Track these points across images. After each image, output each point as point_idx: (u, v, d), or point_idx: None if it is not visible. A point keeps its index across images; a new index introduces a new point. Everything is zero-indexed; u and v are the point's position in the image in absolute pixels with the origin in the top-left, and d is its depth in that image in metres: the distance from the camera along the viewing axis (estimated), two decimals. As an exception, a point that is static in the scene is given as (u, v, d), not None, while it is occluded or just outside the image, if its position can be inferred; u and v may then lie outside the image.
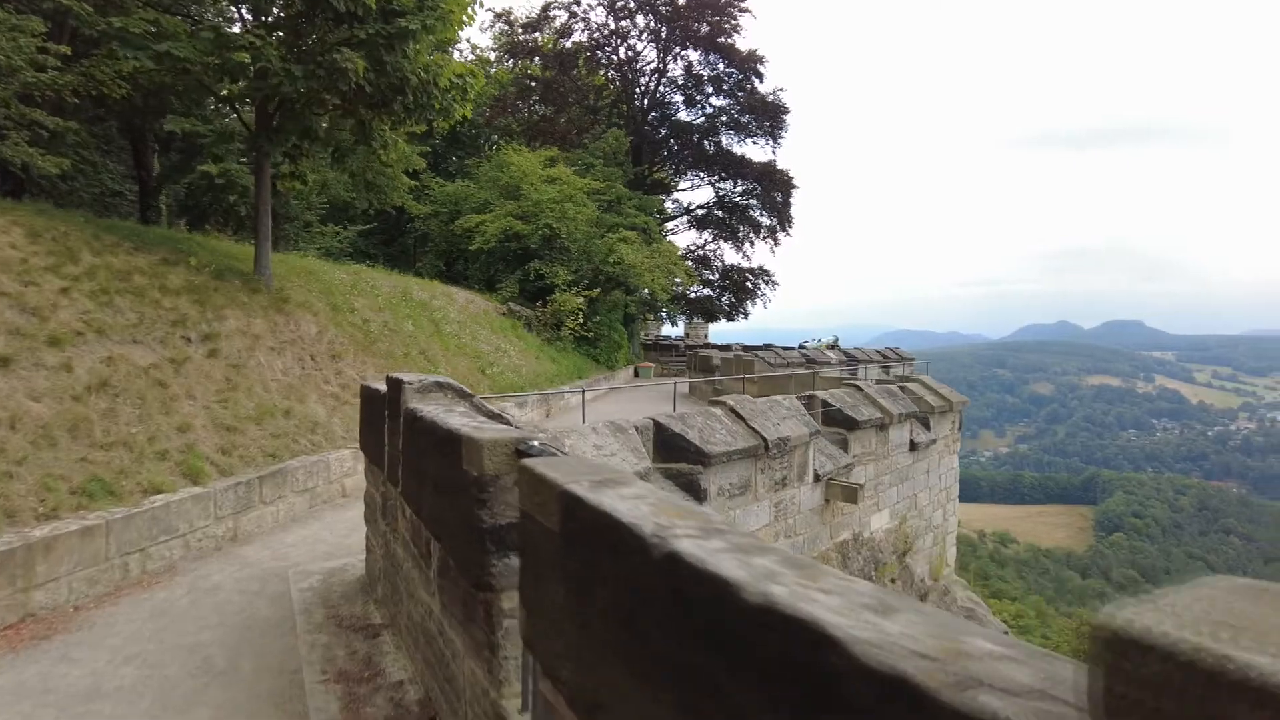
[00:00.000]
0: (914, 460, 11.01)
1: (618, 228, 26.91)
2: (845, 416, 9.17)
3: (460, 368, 14.63)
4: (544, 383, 17.72)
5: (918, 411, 11.05)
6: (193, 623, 4.67)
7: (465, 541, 2.45)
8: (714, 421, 6.98)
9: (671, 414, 6.66)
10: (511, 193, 26.00)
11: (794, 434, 7.41)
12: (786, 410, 7.94)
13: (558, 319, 22.93)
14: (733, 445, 6.70)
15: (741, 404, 7.45)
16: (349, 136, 11.47)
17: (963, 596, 11.49)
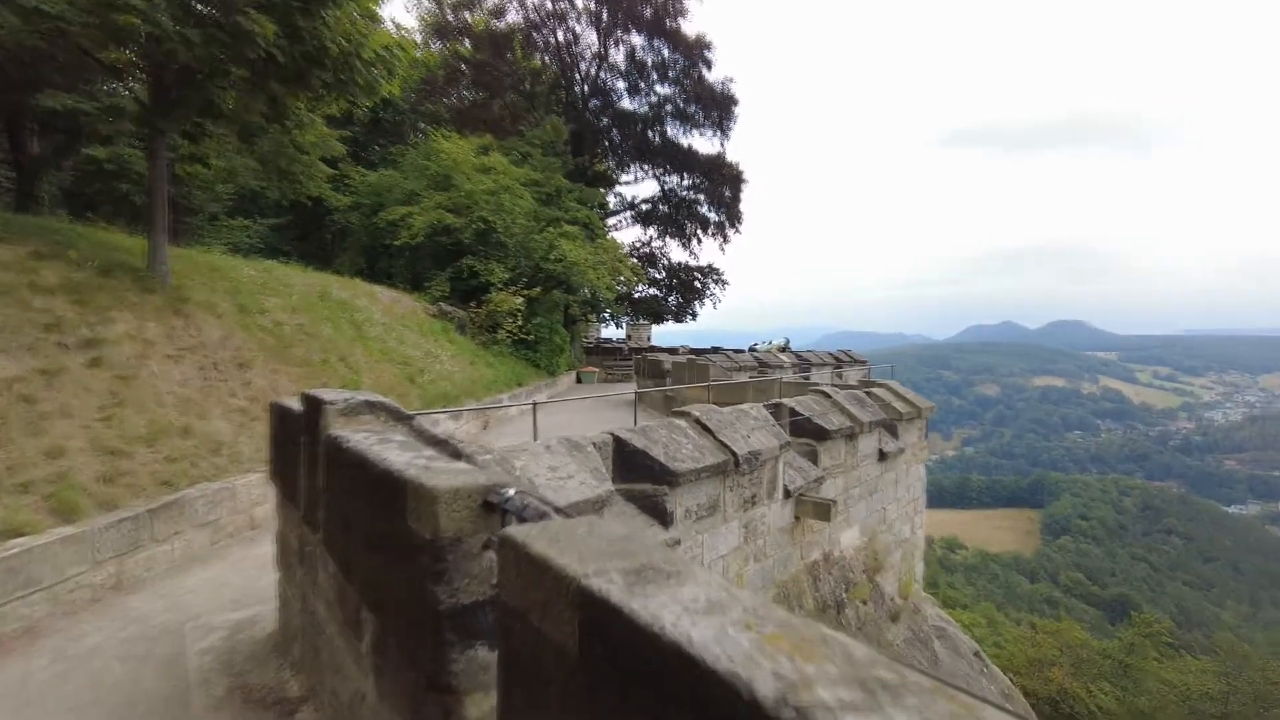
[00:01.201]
0: (883, 471, 10.97)
1: (558, 222, 26.46)
2: (815, 426, 9.00)
3: (386, 376, 14.02)
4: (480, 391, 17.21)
5: (886, 419, 11.02)
6: (56, 704, 3.96)
7: (413, 623, 2.01)
8: (679, 435, 6.68)
9: (632, 428, 6.32)
10: (441, 183, 25.25)
11: (764, 447, 7.19)
12: (755, 420, 7.71)
13: (494, 321, 22.38)
14: (701, 461, 6.42)
15: (708, 415, 7.16)
16: (259, 115, 10.73)
17: (933, 615, 11.46)
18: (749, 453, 6.84)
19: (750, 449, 6.86)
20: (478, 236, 23.88)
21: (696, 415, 6.92)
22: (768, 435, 7.43)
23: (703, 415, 6.98)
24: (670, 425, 6.61)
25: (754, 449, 6.91)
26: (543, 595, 1.02)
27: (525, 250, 24.69)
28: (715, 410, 7.26)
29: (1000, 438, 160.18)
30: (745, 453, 6.78)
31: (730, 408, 7.67)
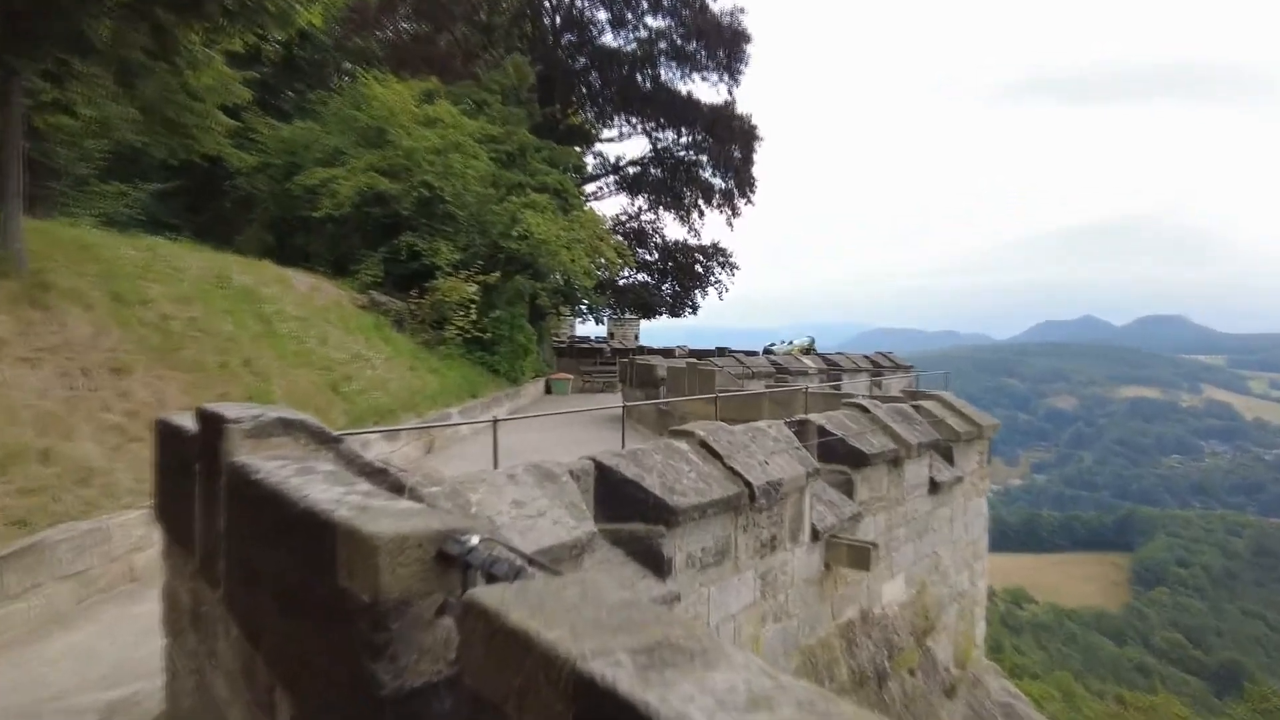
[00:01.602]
0: (935, 506, 11.06)
1: (522, 189, 26.49)
2: (850, 449, 9.06)
3: (303, 385, 13.98)
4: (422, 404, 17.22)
5: (938, 440, 11.12)
6: None
7: (345, 710, 1.96)
8: (678, 460, 6.70)
9: (618, 451, 6.34)
10: (373, 139, 25.21)
11: (787, 475, 7.24)
12: (775, 442, 7.75)
13: (440, 314, 22.39)
14: (707, 495, 6.46)
15: (715, 435, 7.19)
16: (141, 51, 10.64)
17: (997, 688, 11.52)
18: (767, 483, 6.86)
19: (769, 478, 6.88)
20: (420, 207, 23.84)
21: (701, 435, 6.93)
22: (790, 461, 7.46)
23: (709, 435, 6.99)
24: (667, 448, 6.61)
25: (773, 478, 6.93)
26: (522, 680, 0.99)
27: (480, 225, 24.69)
28: (724, 429, 7.27)
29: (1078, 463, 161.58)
30: (762, 483, 6.79)
31: (743, 425, 7.68)
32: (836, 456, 9.03)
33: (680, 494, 6.11)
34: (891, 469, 9.74)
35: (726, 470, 6.71)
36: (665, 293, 42.98)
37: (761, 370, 25.09)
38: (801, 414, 10.23)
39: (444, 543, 1.93)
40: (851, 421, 9.73)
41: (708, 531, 6.41)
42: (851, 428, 9.49)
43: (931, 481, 10.76)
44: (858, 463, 9.01)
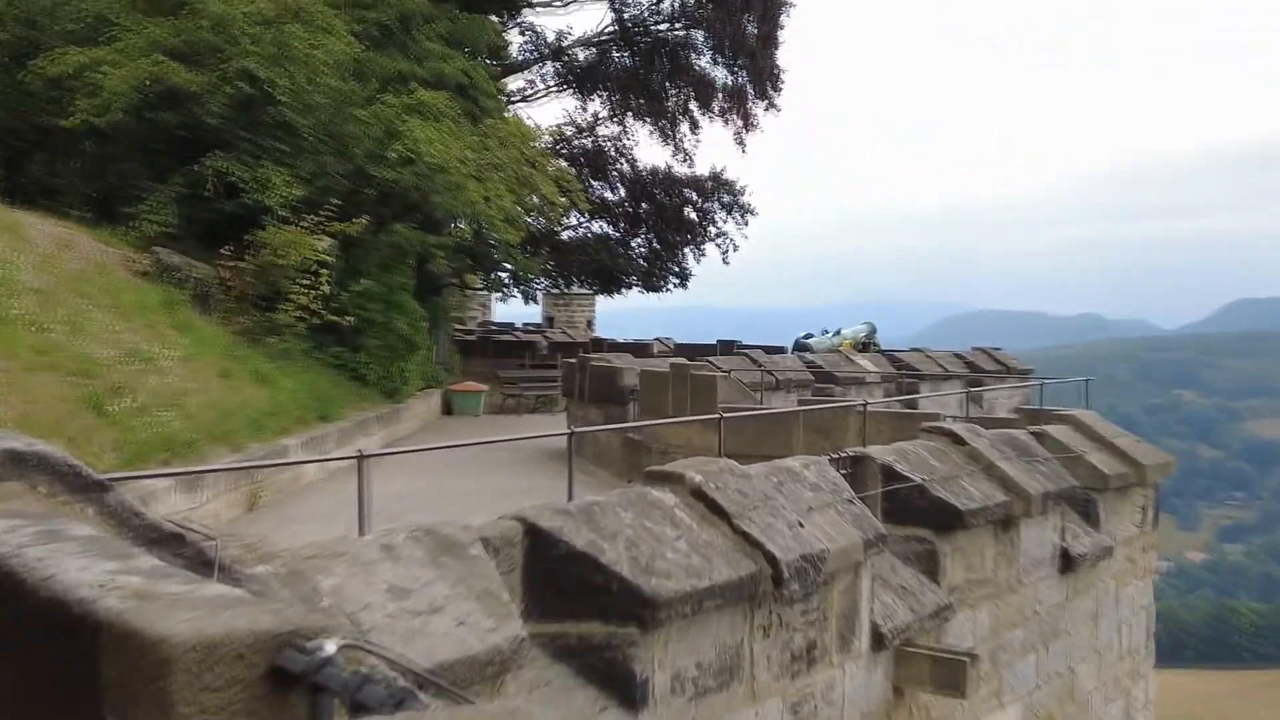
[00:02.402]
0: (1068, 593, 11.28)
1: (405, 83, 26.46)
2: (934, 502, 9.19)
3: (45, 399, 13.93)
4: (242, 431, 17.18)
5: (1074, 489, 11.33)
6: None
7: None
8: (658, 521, 6.74)
9: (562, 506, 6.38)
10: (162, 0, 25.07)
11: (833, 545, 7.34)
12: (814, 491, 7.85)
13: (272, 285, 22.29)
14: (704, 576, 6.52)
15: (719, 480, 7.26)
16: None
17: None
18: (801, 558, 6.91)
19: (804, 550, 6.94)
20: (238, 112, 23.70)
21: (695, 481, 6.97)
22: (838, 521, 7.53)
23: (707, 481, 7.03)
24: (641, 502, 6.65)
25: (812, 550, 7.00)
26: None
27: (336, 141, 24.64)
28: (732, 471, 7.32)
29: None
30: (794, 558, 6.85)
31: (762, 465, 7.73)
32: (912, 514, 9.17)
33: (662, 575, 6.13)
34: (1000, 534, 9.88)
35: (736, 537, 6.75)
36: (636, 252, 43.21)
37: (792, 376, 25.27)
38: (857, 446, 10.31)
39: (281, 652, 1.91)
40: (936, 458, 9.81)
41: (706, 635, 6.47)
42: (936, 468, 9.57)
43: (1064, 555, 10.89)
44: (946, 524, 9.14)
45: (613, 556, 6.08)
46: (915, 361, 30.61)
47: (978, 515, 9.37)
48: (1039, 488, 10.32)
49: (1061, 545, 10.86)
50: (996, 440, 10.82)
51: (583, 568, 5.98)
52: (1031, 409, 17.73)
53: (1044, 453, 11.26)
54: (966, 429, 10.97)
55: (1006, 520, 9.86)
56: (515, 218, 27.45)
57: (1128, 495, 12.68)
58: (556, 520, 6.14)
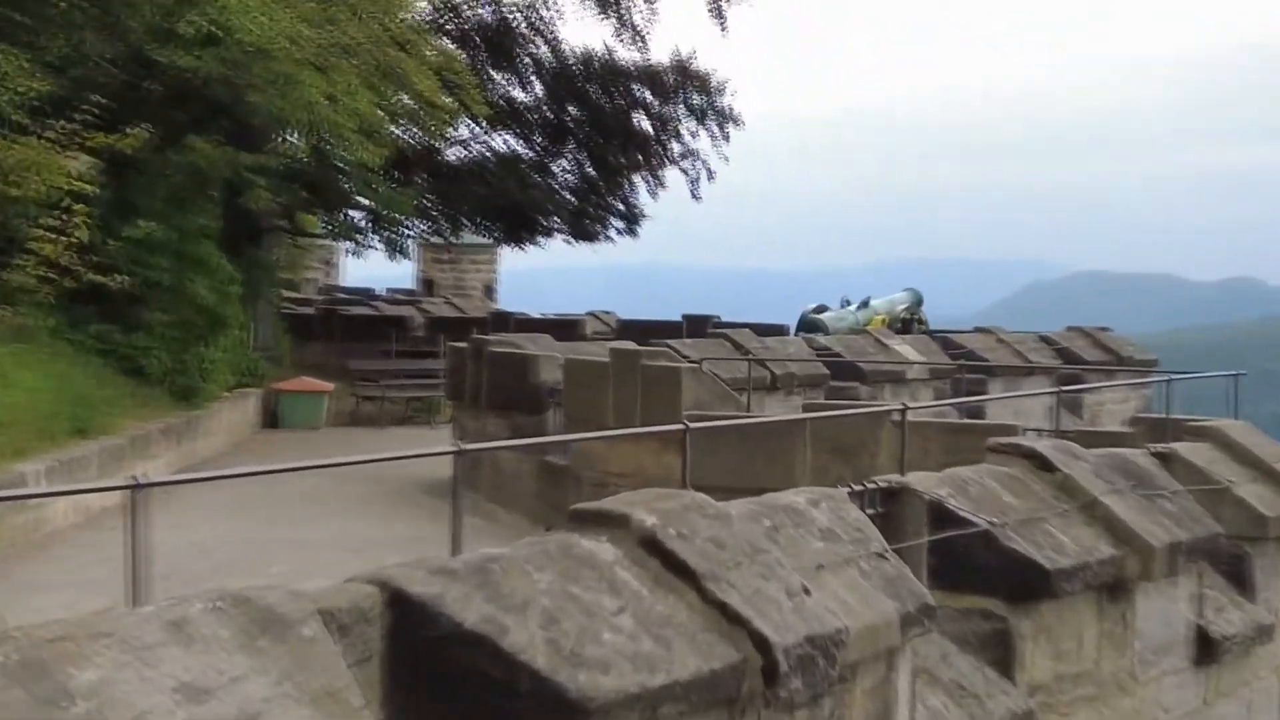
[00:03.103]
0: (1207, 694, 11.33)
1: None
2: (1007, 559, 9.22)
3: None
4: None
5: (1217, 538, 11.33)
6: None
7: None
8: (589, 585, 6.80)
9: (444, 564, 6.42)
10: None
11: (854, 621, 7.42)
12: (825, 540, 7.94)
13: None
14: (660, 669, 6.57)
15: (683, 524, 7.33)
16: None
17: None
18: (806, 642, 6.95)
19: (811, 630, 6.98)
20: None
21: (647, 526, 7.01)
22: (862, 586, 7.58)
23: (664, 526, 7.07)
24: (565, 557, 6.67)
25: (822, 629, 7.04)
26: None
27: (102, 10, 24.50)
28: (702, 512, 7.36)
29: None
30: (795, 642, 6.88)
31: (748, 502, 7.78)
32: (975, 576, 9.22)
33: (596, 668, 6.15)
34: (1106, 607, 9.93)
35: (708, 609, 6.79)
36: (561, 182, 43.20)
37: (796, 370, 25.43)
38: (892, 474, 10.32)
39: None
40: (1011, 492, 9.86)
41: (663, 762, 6.47)
42: (1011, 507, 9.62)
43: (1201, 637, 10.93)
44: (1026, 592, 9.19)
45: (521, 639, 6.05)
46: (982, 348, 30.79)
47: (1073, 578, 9.38)
48: (1165, 537, 10.33)
49: (1198, 623, 10.84)
50: (1102, 465, 10.83)
51: (476, 656, 5.95)
52: (1154, 417, 17.75)
53: (1173, 484, 11.25)
54: (1057, 449, 11.00)
55: (1116, 585, 9.89)
56: (376, 127, 27.42)
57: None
58: (435, 585, 6.11)
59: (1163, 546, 10.21)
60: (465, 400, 27.24)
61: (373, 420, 36.69)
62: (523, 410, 24.08)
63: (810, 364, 25.98)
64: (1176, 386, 22.68)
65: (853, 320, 41.22)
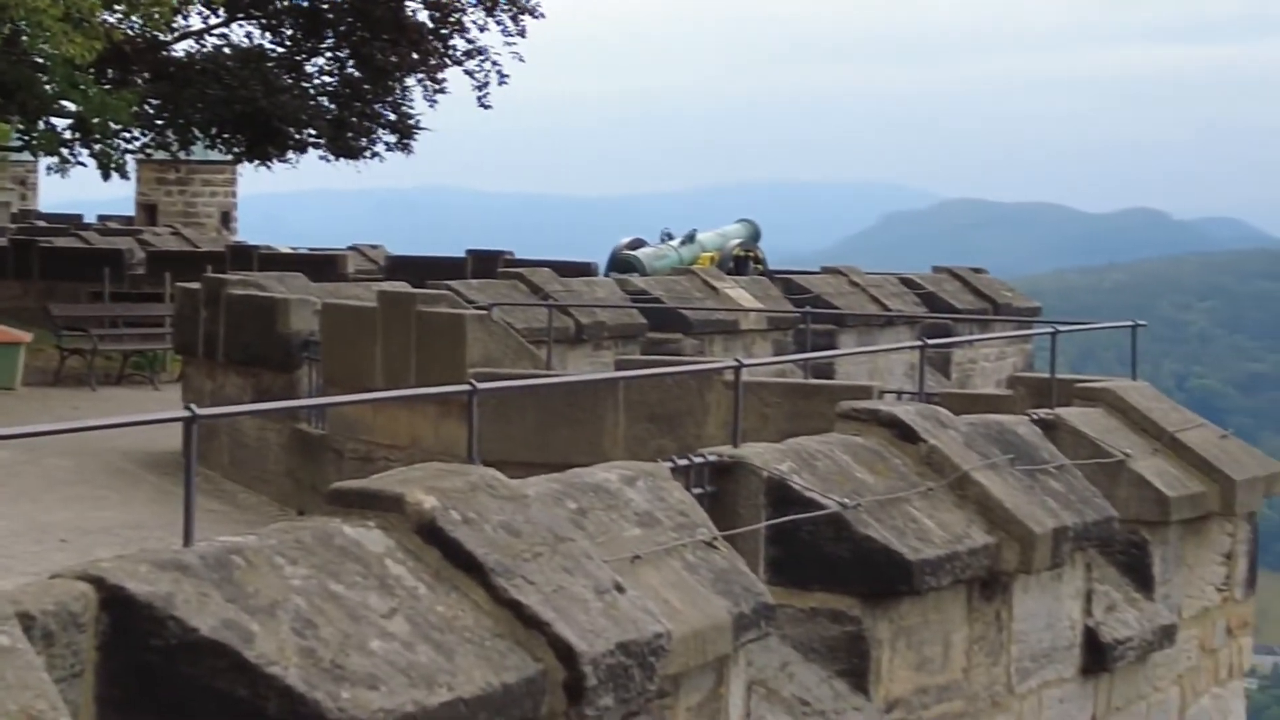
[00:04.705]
0: (1098, 708, 11.49)
1: None
2: (861, 549, 9.30)
3: None
4: None
5: (1109, 521, 11.46)
6: None
7: None
8: (353, 582, 6.82)
9: (174, 554, 6.37)
10: None
11: (677, 625, 7.47)
12: (641, 523, 8.01)
13: None
14: (440, 684, 6.61)
15: (470, 507, 7.35)
16: None
17: None
18: (619, 650, 6.98)
19: (625, 636, 7.00)
20: None
21: (426, 510, 7.00)
22: (687, 582, 7.62)
23: (447, 509, 7.08)
24: (325, 548, 6.66)
25: (638, 635, 7.07)
26: None
27: None
28: (492, 492, 7.38)
29: None
30: (605, 650, 6.91)
31: (549, 480, 7.79)
32: (823, 570, 9.29)
33: (362, 683, 6.14)
34: (978, 605, 10.07)
35: (501, 611, 6.80)
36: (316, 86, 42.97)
37: (607, 319, 25.46)
38: (724, 445, 10.35)
39: None
40: (866, 468, 9.96)
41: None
42: (867, 485, 9.71)
43: (1090, 642, 11.11)
44: (884, 588, 9.30)
45: (270, 648, 6.01)
46: (831, 293, 30.95)
47: (939, 571, 9.46)
48: (1049, 521, 10.43)
49: (1087, 624, 10.98)
50: (975, 435, 10.93)
51: (214, 669, 5.90)
52: (1037, 377, 17.87)
53: (1059, 457, 11.37)
54: (921, 415, 11.11)
55: (990, 579, 9.99)
56: (85, 14, 27.14)
57: (1203, 535, 12.84)
58: (163, 582, 6.05)
59: (1046, 533, 10.29)
60: (198, 355, 27.03)
61: (81, 379, 36.24)
62: (270, 367, 23.89)
63: (623, 311, 25.95)
64: (1064, 340, 22.96)
65: (675, 258, 41.36)
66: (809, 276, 36.75)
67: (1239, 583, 13.66)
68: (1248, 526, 13.68)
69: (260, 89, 40.99)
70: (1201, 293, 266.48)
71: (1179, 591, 12.33)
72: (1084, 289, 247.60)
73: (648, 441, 15.43)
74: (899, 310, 30.41)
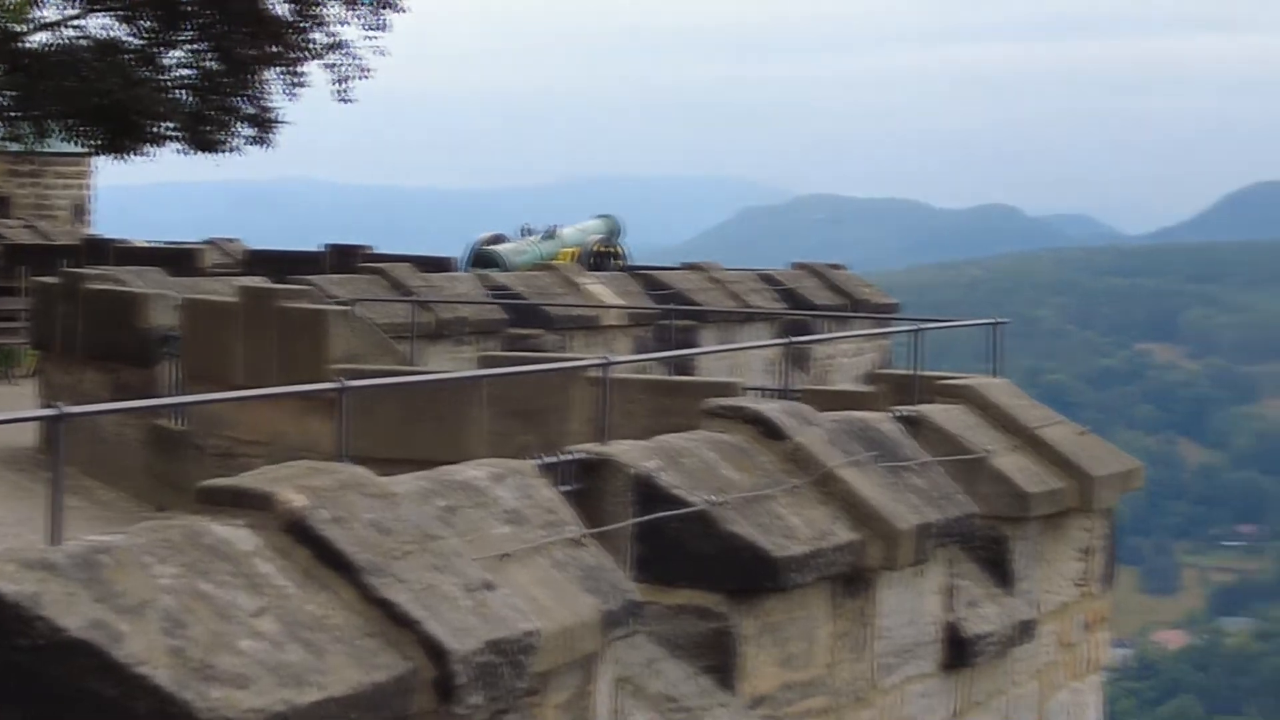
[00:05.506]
0: (958, 703, 11.54)
1: None
2: (727, 545, 9.31)
3: None
4: None
5: (970, 518, 11.51)
6: None
7: None
8: (221, 580, 6.79)
9: (37, 554, 6.37)
10: None
11: (546, 623, 7.48)
12: (509, 521, 8.03)
13: None
14: (310, 683, 6.56)
15: (339, 505, 7.33)
16: None
17: None
18: (489, 648, 6.97)
19: (495, 634, 7.00)
20: None
21: (295, 508, 6.97)
22: (556, 579, 7.62)
23: (315, 508, 7.05)
24: (192, 546, 6.62)
25: (508, 633, 7.06)
26: None
27: None
28: (361, 490, 7.36)
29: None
30: (475, 648, 6.90)
31: (417, 478, 7.77)
32: (689, 567, 9.30)
33: (231, 682, 6.10)
34: (843, 601, 10.08)
35: (370, 609, 6.78)
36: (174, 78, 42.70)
37: (469, 314, 25.41)
38: (590, 443, 10.33)
39: None
40: (731, 464, 9.96)
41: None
42: (732, 482, 9.71)
43: (953, 637, 11.19)
44: (749, 585, 9.31)
45: (139, 648, 5.97)
46: (693, 288, 30.96)
47: (804, 567, 9.47)
48: (912, 518, 10.46)
49: (948, 620, 11.02)
50: (839, 432, 10.96)
51: (82, 670, 5.85)
52: (899, 374, 17.88)
53: (921, 454, 11.40)
54: (786, 412, 11.12)
55: (854, 576, 10.02)
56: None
57: (1062, 530, 12.90)
58: (28, 581, 6.00)
59: (909, 529, 10.34)
60: (55, 349, 26.77)
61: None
62: (128, 362, 23.69)
63: (485, 307, 25.88)
64: (927, 338, 23.06)
65: (536, 254, 41.37)
66: (669, 272, 36.78)
67: (1097, 578, 13.75)
68: (1106, 522, 13.77)
69: (118, 81, 40.71)
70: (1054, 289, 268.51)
71: (1038, 587, 12.41)
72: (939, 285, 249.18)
73: (511, 438, 15.40)
74: (761, 306, 30.45)
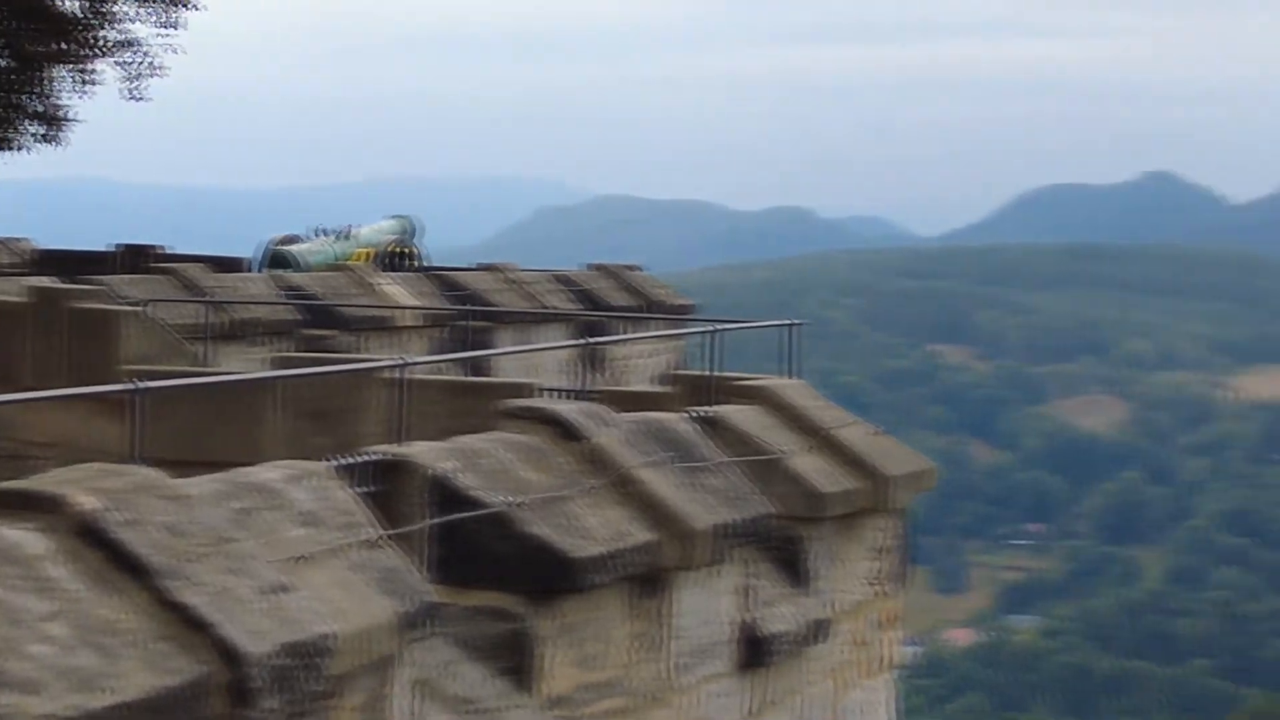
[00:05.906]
0: (754, 703, 11.57)
1: None
2: (525, 547, 9.30)
3: None
4: None
5: (767, 518, 11.53)
6: None
7: None
8: (11, 585, 6.69)
9: None
10: None
11: (343, 624, 7.47)
12: (304, 523, 8.00)
13: None
14: (101, 688, 6.49)
15: (132, 507, 7.31)
16: None
17: None
18: (284, 650, 6.94)
19: (291, 636, 6.96)
20: None
21: (87, 510, 6.90)
22: (352, 581, 7.60)
23: (108, 510, 6.98)
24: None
25: (305, 635, 7.04)
26: None
27: None
28: (154, 492, 7.30)
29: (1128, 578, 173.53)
30: (270, 651, 6.86)
31: (212, 480, 7.72)
32: (486, 568, 9.29)
33: (22, 688, 6.02)
34: (639, 602, 10.09)
35: (164, 613, 6.71)
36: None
37: (263, 315, 25.24)
38: (387, 444, 10.29)
39: None
40: (529, 465, 9.94)
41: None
42: (529, 483, 9.70)
43: (749, 637, 11.19)
44: (546, 586, 9.31)
45: None
46: (488, 289, 30.86)
47: (601, 568, 9.46)
48: (709, 518, 10.47)
49: (744, 620, 11.03)
50: (636, 433, 10.94)
51: None
52: (695, 374, 17.87)
53: (718, 455, 11.41)
54: (583, 413, 11.11)
55: (651, 576, 10.01)
56: None
57: (856, 530, 12.95)
58: None
59: (706, 530, 10.35)
60: None
61: None
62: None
63: (279, 307, 25.68)
64: (722, 338, 23.11)
65: (331, 254, 41.15)
66: (465, 273, 36.69)
67: (890, 577, 13.82)
68: (899, 522, 13.83)
69: None
70: (846, 290, 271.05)
71: (833, 586, 12.45)
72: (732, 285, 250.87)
73: (306, 439, 15.31)
74: (557, 307, 30.43)
